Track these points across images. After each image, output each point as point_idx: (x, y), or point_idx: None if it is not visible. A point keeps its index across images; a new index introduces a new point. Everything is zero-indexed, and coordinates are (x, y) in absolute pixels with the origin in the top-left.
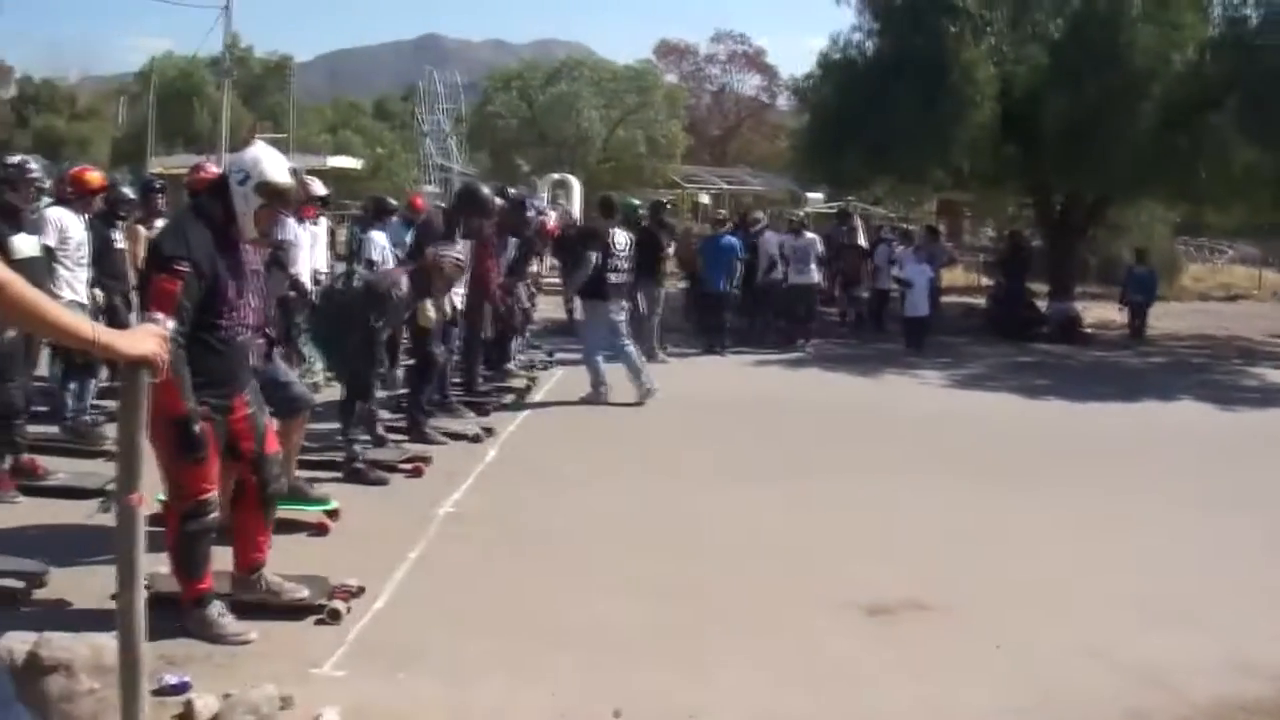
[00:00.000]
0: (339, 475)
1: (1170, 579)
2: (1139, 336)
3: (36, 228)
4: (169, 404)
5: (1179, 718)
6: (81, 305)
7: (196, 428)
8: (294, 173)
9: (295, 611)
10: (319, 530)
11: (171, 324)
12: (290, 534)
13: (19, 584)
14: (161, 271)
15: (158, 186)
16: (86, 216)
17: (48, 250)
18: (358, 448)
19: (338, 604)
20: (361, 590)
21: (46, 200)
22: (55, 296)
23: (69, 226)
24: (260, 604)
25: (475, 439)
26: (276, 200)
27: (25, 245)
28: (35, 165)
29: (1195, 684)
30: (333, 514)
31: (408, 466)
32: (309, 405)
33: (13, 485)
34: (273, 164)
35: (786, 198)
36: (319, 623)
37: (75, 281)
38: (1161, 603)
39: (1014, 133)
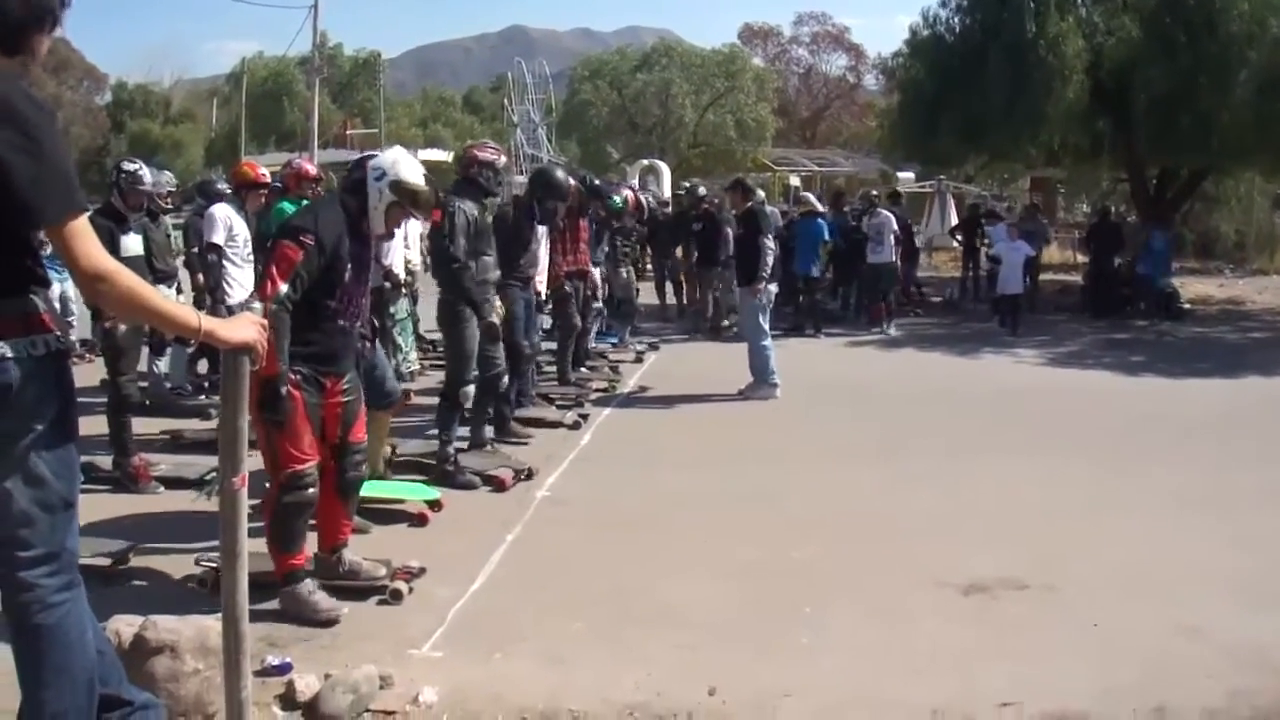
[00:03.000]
0: (428, 476)
1: (1272, 558)
2: (1157, 316)
3: (204, 227)
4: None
5: None
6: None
7: (283, 389)
8: (428, 179)
9: (360, 592)
10: (419, 520)
11: (284, 288)
12: (391, 524)
13: (105, 560)
14: (286, 239)
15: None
16: (248, 212)
17: (215, 247)
18: (451, 449)
19: (399, 584)
20: (422, 570)
21: (199, 203)
22: (226, 295)
23: (236, 224)
24: (338, 583)
25: (574, 426)
26: (407, 199)
27: (132, 245)
28: (147, 176)
29: None
30: (434, 505)
31: (493, 479)
32: (397, 400)
33: (150, 477)
34: (408, 166)
35: (878, 178)
36: (381, 603)
37: (244, 278)
38: (1263, 582)
39: (1106, 106)
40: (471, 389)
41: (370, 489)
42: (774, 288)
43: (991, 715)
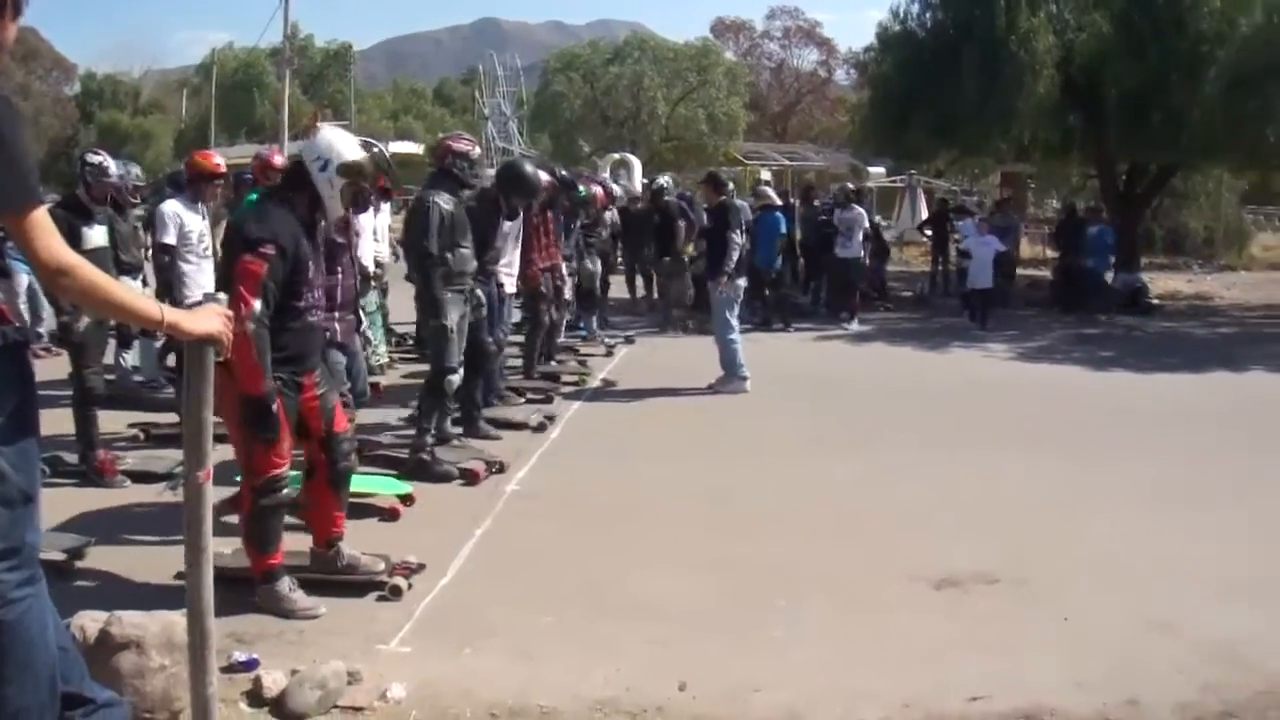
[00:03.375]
0: (403, 468)
1: (1243, 552)
2: (1111, 309)
3: (155, 224)
4: (249, 383)
5: (1255, 693)
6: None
7: (273, 407)
8: (366, 145)
9: (359, 587)
10: (390, 515)
11: (257, 305)
12: (362, 518)
13: (61, 556)
14: (246, 253)
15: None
16: (204, 206)
17: (166, 248)
18: (428, 439)
19: (398, 580)
20: (422, 566)
21: (168, 192)
22: (184, 295)
23: (187, 220)
24: (337, 578)
25: (539, 428)
26: (358, 176)
27: (96, 237)
28: (113, 168)
29: (1270, 661)
30: (406, 499)
31: (466, 472)
32: (365, 400)
33: (116, 471)
34: (346, 145)
35: (848, 172)
36: (380, 599)
37: (201, 276)
38: (1234, 577)
39: (1077, 102)
40: (456, 378)
41: None
42: (743, 282)
43: (962, 709)
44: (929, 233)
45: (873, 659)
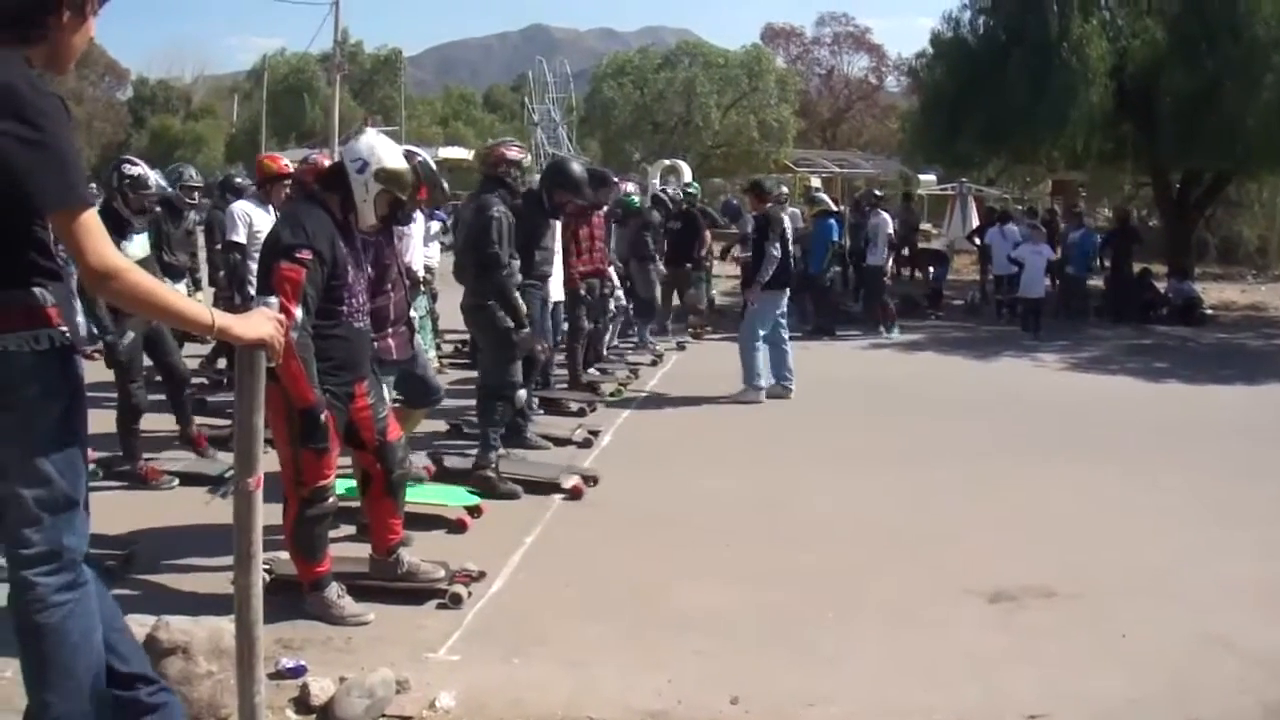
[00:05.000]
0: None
1: None
2: (1077, 315)
3: (225, 224)
4: (297, 393)
5: None
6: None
7: (323, 417)
8: (409, 155)
9: (417, 595)
10: (458, 526)
11: (299, 313)
12: (429, 529)
13: (111, 560)
14: (283, 259)
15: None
16: (272, 207)
17: (237, 246)
18: (492, 454)
19: (459, 588)
20: (482, 574)
21: (228, 198)
22: (249, 297)
23: (256, 220)
24: (396, 585)
25: (584, 444)
26: (394, 185)
27: (136, 249)
28: (153, 179)
29: None
30: (475, 510)
31: (568, 487)
32: (439, 400)
33: (160, 474)
34: (388, 150)
35: (898, 180)
36: (440, 606)
37: None
38: None
39: (1130, 110)
40: (524, 392)
41: (408, 494)
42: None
43: None
44: (978, 241)
45: (926, 674)
